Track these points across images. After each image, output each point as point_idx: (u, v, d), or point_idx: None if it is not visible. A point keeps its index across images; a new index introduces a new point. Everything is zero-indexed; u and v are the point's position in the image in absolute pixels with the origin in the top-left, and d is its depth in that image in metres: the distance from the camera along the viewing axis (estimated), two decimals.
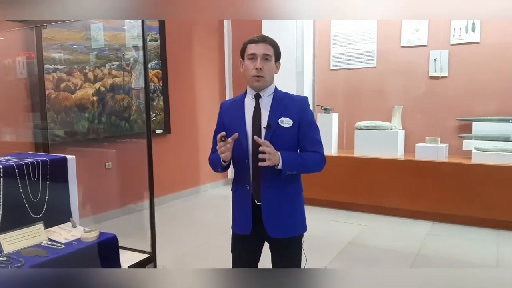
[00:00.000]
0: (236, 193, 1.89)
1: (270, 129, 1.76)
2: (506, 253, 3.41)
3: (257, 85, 1.80)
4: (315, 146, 1.84)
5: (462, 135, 4.48)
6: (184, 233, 4.03)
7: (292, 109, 1.81)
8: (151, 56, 4.84)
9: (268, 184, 1.77)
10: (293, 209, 1.85)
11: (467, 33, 4.48)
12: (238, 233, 1.87)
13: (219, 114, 1.93)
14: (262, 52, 1.77)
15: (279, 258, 1.87)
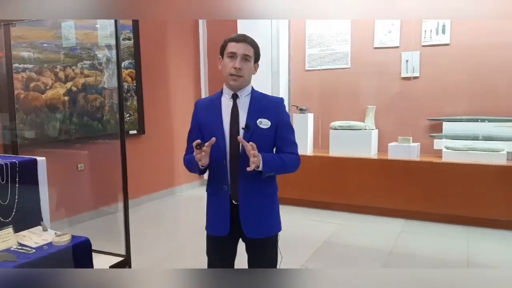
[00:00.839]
0: (212, 194, 1.87)
1: (249, 130, 1.75)
2: (476, 249, 3.52)
3: (234, 84, 1.78)
4: (291, 147, 1.86)
5: (433, 134, 4.60)
6: (159, 235, 3.98)
7: (269, 110, 1.82)
8: (125, 55, 4.76)
9: (247, 185, 1.76)
10: (270, 209, 1.86)
11: (437, 35, 4.60)
12: (214, 234, 1.85)
13: (194, 113, 1.90)
14: (242, 52, 1.76)
15: (256, 258, 1.87)
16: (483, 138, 4.28)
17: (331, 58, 5.20)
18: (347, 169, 4.60)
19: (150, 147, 5.14)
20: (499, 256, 3.37)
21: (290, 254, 3.45)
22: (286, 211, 4.72)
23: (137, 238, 3.52)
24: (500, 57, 4.34)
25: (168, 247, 3.65)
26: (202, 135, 1.82)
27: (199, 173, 1.80)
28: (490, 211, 3.97)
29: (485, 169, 4.00)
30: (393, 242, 3.70)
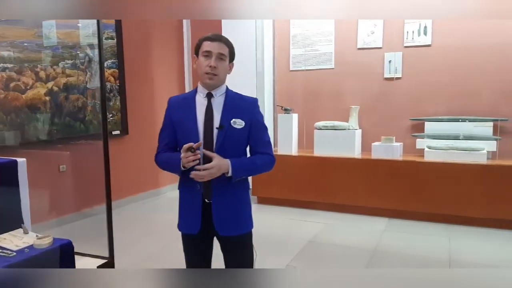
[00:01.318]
0: (184, 192, 1.87)
1: (223, 130, 1.76)
2: (457, 246, 3.59)
3: (209, 83, 1.79)
4: (265, 148, 1.88)
5: (415, 134, 4.67)
6: (143, 236, 3.94)
7: (244, 110, 1.83)
8: (107, 54, 4.71)
9: (219, 183, 1.77)
10: (242, 206, 1.87)
11: (419, 36, 4.67)
12: (186, 232, 1.87)
13: (168, 110, 1.89)
14: (217, 51, 1.77)
15: (231, 256, 1.89)
16: (464, 138, 4.36)
17: (315, 58, 5.23)
18: (331, 168, 4.63)
19: (133, 148, 5.08)
20: (480, 253, 3.44)
21: (275, 254, 3.47)
22: (271, 211, 4.76)
23: (121, 239, 3.47)
24: (480, 58, 4.43)
25: (153, 249, 3.62)
26: (176, 133, 1.84)
27: (180, 174, 1.80)
28: (471, 209, 4.05)
29: (466, 168, 4.07)
30: (377, 241, 3.74)
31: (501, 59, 4.35)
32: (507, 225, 3.96)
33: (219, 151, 1.74)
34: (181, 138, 1.81)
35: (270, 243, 3.74)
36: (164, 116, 1.91)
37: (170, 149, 1.89)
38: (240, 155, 1.83)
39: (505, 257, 3.34)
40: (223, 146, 1.75)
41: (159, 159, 1.89)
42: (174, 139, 1.86)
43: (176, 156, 1.77)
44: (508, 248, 3.55)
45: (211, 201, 1.78)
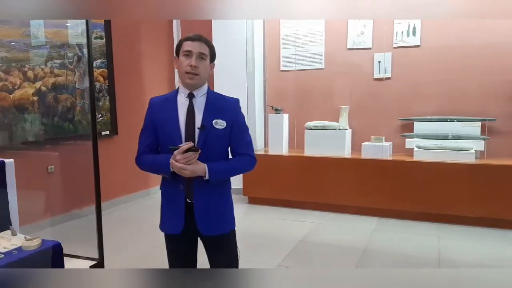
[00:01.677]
0: (167, 193, 1.88)
1: (204, 130, 1.77)
2: (446, 245, 3.62)
3: (190, 83, 1.79)
4: (246, 148, 1.89)
5: (405, 134, 4.71)
6: (133, 237, 3.91)
7: (225, 110, 1.84)
8: (96, 54, 4.66)
9: (201, 184, 1.78)
10: (224, 206, 1.88)
11: (408, 36, 4.71)
12: (168, 232, 1.88)
13: (149, 111, 1.89)
14: (198, 50, 1.77)
15: (215, 255, 1.90)
16: (453, 137, 4.41)
17: (305, 58, 5.24)
18: (322, 168, 4.65)
19: (123, 148, 5.05)
20: (468, 252, 3.48)
21: (266, 253, 3.47)
22: (262, 211, 4.76)
23: (111, 241, 3.45)
24: (468, 59, 4.48)
25: (143, 249, 3.59)
26: (157, 134, 1.84)
27: (169, 176, 1.79)
28: (460, 208, 4.10)
29: (454, 167, 4.12)
30: (367, 240, 3.76)
31: (488, 59, 4.40)
32: (495, 224, 4.01)
33: (201, 152, 1.74)
34: (163, 139, 1.82)
35: (261, 243, 3.74)
36: (145, 117, 1.91)
37: (151, 150, 1.89)
38: (221, 155, 1.85)
39: (494, 256, 3.38)
40: (204, 146, 1.76)
41: (142, 161, 1.90)
42: (156, 140, 1.87)
43: (164, 158, 1.77)
44: (496, 246, 3.59)
45: (193, 201, 1.79)
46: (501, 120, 4.41)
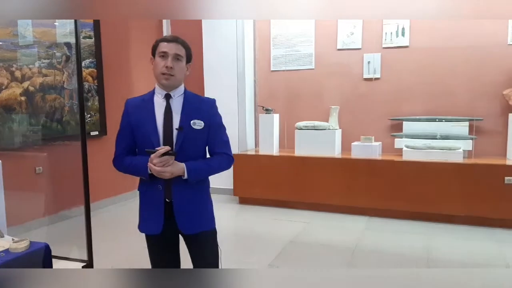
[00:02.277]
0: (145, 193, 1.87)
1: (182, 131, 1.77)
2: (436, 244, 3.66)
3: (166, 84, 1.80)
4: (224, 148, 1.91)
5: (394, 134, 4.74)
6: (123, 238, 3.89)
7: (202, 111, 1.85)
8: (85, 54, 4.62)
9: (180, 183, 1.79)
10: (203, 204, 1.89)
11: (397, 37, 4.75)
12: (148, 233, 1.87)
13: (125, 113, 1.89)
14: (174, 52, 1.78)
15: (196, 253, 1.91)
16: (441, 137, 4.46)
17: (296, 59, 5.26)
18: (312, 168, 4.66)
19: (112, 149, 4.98)
20: (457, 251, 3.52)
21: (257, 253, 3.47)
22: (253, 211, 4.76)
23: (100, 242, 3.42)
24: (456, 59, 4.54)
25: (133, 250, 3.57)
26: (134, 136, 1.84)
27: (147, 177, 1.79)
28: (448, 207, 4.14)
29: (443, 167, 4.16)
30: (357, 239, 3.78)
31: (476, 60, 4.46)
32: (483, 222, 4.06)
33: (179, 152, 1.75)
34: (141, 140, 1.82)
35: (252, 243, 3.74)
36: (121, 118, 1.90)
37: (129, 152, 1.89)
38: (199, 155, 1.86)
39: (482, 254, 3.43)
40: (183, 147, 1.77)
41: (119, 163, 1.89)
42: (133, 142, 1.87)
43: (141, 160, 1.77)
44: (484, 245, 3.64)
45: (172, 200, 1.80)
46: (488, 120, 4.47)
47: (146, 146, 1.75)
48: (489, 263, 3.23)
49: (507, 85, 4.35)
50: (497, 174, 3.96)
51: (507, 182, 3.92)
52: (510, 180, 3.91)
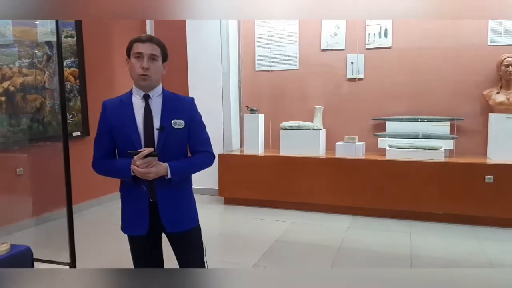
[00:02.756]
0: (128, 194, 1.86)
1: (163, 131, 1.77)
2: (418, 242, 3.71)
3: (143, 84, 1.80)
4: (205, 145, 1.92)
5: (377, 133, 4.80)
6: (106, 240, 3.84)
7: (182, 110, 1.85)
8: (67, 53, 4.56)
9: (163, 183, 1.78)
10: (187, 202, 1.90)
11: (380, 38, 4.81)
12: (133, 234, 1.86)
13: (103, 114, 1.86)
14: (149, 52, 1.78)
15: (181, 251, 1.91)
16: (423, 137, 4.53)
17: (280, 59, 5.27)
18: (297, 168, 4.68)
19: None
20: (439, 248, 3.58)
21: (242, 254, 3.47)
22: (238, 211, 4.76)
23: (83, 244, 3.38)
24: (438, 60, 4.61)
25: (116, 252, 3.53)
26: (115, 138, 1.82)
27: (130, 179, 1.77)
28: (430, 205, 4.21)
29: (425, 166, 4.23)
30: (342, 238, 3.81)
31: (456, 61, 4.54)
32: (464, 220, 4.14)
33: (161, 153, 1.75)
34: (122, 142, 1.80)
35: (237, 243, 3.74)
36: (99, 121, 1.88)
37: (109, 154, 1.86)
38: (181, 154, 1.86)
39: (463, 251, 3.49)
40: (164, 147, 1.76)
41: (100, 166, 1.87)
42: (112, 144, 1.85)
43: (123, 162, 1.76)
44: (465, 242, 3.71)
45: (157, 200, 1.79)
46: (469, 120, 4.56)
47: (127, 147, 1.74)
48: (470, 260, 3.29)
49: (487, 86, 4.45)
50: (478, 172, 4.04)
51: (487, 181, 4.00)
52: (490, 178, 4.00)
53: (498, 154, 4.23)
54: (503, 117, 4.21)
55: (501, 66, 4.25)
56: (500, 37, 4.41)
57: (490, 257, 3.34)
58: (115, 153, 1.87)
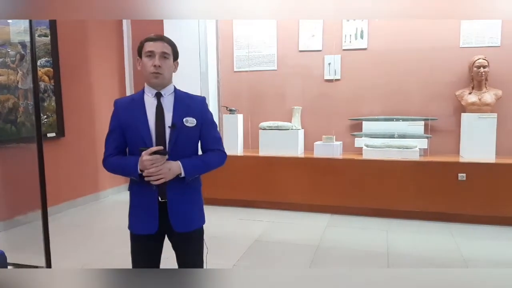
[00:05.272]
0: (137, 193, 1.84)
1: (175, 129, 1.78)
2: (395, 239, 3.79)
3: (155, 82, 1.80)
4: (217, 144, 1.93)
5: (354, 133, 4.87)
6: (83, 243, 3.77)
7: (194, 108, 1.86)
8: (41, 53, 4.45)
9: (174, 183, 1.78)
10: (196, 203, 1.90)
11: (356, 39, 4.88)
12: (141, 233, 1.84)
13: (115, 113, 1.86)
14: (160, 50, 1.78)
15: (184, 251, 1.90)
16: (398, 136, 4.62)
17: (258, 60, 5.29)
18: (276, 168, 4.71)
19: (71, 150, 4.85)
20: (415, 245, 3.65)
21: (222, 254, 3.46)
22: (217, 211, 4.74)
23: (59, 248, 3.31)
24: (412, 61, 4.71)
25: (93, 255, 3.47)
26: (126, 136, 1.82)
27: (137, 177, 1.76)
28: (406, 203, 4.30)
29: (400, 165, 4.32)
30: (320, 237, 3.85)
31: (430, 62, 4.66)
32: (438, 217, 4.24)
33: (173, 150, 1.75)
34: (133, 140, 1.80)
35: (216, 243, 3.73)
36: (110, 119, 1.87)
37: (119, 152, 1.86)
38: (192, 153, 1.86)
39: (438, 248, 3.58)
40: (176, 145, 1.77)
41: (109, 163, 1.85)
42: (124, 142, 1.85)
43: (131, 160, 1.76)
44: (440, 239, 3.80)
45: (167, 200, 1.79)
46: (442, 120, 4.68)
47: (138, 145, 1.74)
48: (444, 256, 3.38)
49: (459, 86, 4.57)
50: (451, 171, 4.15)
51: (460, 179, 4.12)
52: (463, 176, 4.11)
53: (470, 153, 4.35)
54: (475, 117, 4.34)
55: (473, 68, 4.38)
56: (472, 39, 4.54)
57: (463, 253, 3.43)
58: (126, 152, 1.87)
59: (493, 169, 4.08)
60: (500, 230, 3.99)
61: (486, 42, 4.50)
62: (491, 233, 3.91)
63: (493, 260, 3.30)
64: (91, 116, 5.19)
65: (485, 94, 4.37)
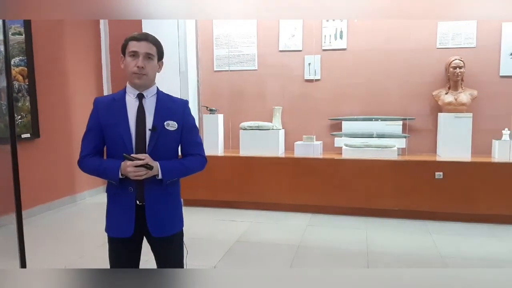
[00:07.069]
0: (115, 195, 1.81)
1: (156, 132, 1.74)
2: (374, 238, 3.83)
3: (138, 83, 1.76)
4: (197, 149, 1.91)
5: (334, 133, 4.91)
6: (59, 247, 3.68)
7: (175, 112, 1.83)
8: (15, 51, 4.33)
9: (152, 186, 1.75)
10: (174, 207, 1.87)
11: (336, 40, 4.92)
12: (117, 236, 1.80)
13: (94, 112, 1.81)
14: (144, 51, 1.74)
15: (163, 255, 1.88)
16: (377, 136, 4.68)
17: (239, 59, 5.28)
18: (257, 168, 4.71)
19: (46, 151, 4.73)
20: (394, 243, 3.71)
21: (202, 255, 3.44)
22: (198, 212, 4.71)
23: (34, 251, 3.23)
24: (390, 62, 4.79)
25: (70, 259, 3.40)
26: (105, 136, 1.78)
27: (117, 182, 1.73)
28: (385, 202, 4.36)
29: (379, 164, 4.37)
30: (301, 236, 3.87)
31: (408, 62, 4.74)
32: (416, 215, 4.32)
33: (152, 153, 1.72)
34: (112, 141, 1.76)
35: (197, 244, 3.71)
36: (89, 118, 1.83)
37: (97, 152, 1.82)
38: (172, 156, 1.83)
39: (416, 246, 3.64)
40: (156, 148, 1.74)
41: (86, 164, 1.80)
42: (102, 143, 1.80)
43: (112, 164, 1.72)
44: (417, 236, 3.87)
45: (144, 203, 1.76)
46: (420, 119, 4.76)
47: (118, 146, 1.71)
48: (422, 254, 3.44)
49: (436, 86, 4.66)
50: (428, 169, 4.23)
51: (437, 177, 4.20)
52: (440, 175, 4.19)
53: (447, 152, 4.45)
54: (452, 116, 4.43)
55: (449, 68, 4.47)
56: (448, 40, 4.64)
57: (440, 250, 3.50)
58: (103, 152, 1.82)
59: (468, 168, 4.17)
60: (475, 227, 4.09)
61: (462, 43, 4.60)
62: (467, 230, 4.01)
63: (468, 256, 3.38)
64: (67, 117, 5.08)
65: (461, 94, 4.47)
